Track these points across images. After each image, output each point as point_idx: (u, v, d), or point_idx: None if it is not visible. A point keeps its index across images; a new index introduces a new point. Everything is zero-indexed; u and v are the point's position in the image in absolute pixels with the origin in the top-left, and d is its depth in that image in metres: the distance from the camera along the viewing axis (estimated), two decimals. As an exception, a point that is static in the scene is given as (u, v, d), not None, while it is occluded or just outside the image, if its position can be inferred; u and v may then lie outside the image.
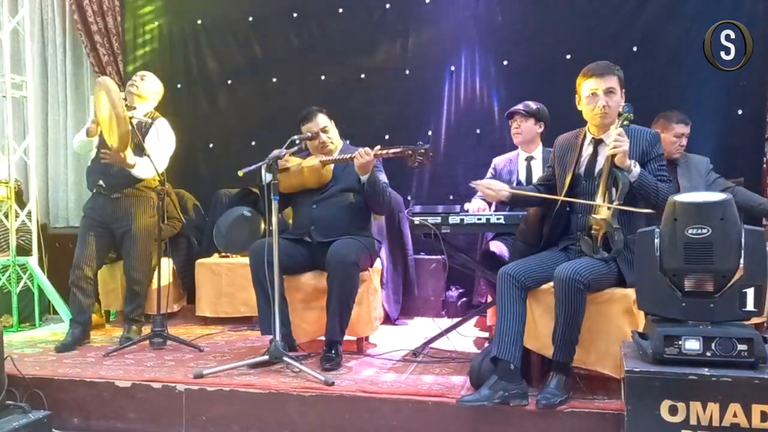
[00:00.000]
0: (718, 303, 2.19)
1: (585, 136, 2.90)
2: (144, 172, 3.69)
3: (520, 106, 3.88)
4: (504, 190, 2.92)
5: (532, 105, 3.87)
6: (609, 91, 2.75)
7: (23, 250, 4.71)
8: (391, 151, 3.21)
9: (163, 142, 3.62)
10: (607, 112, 2.75)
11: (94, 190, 3.81)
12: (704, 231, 2.17)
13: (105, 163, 3.66)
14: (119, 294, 4.19)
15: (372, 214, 3.62)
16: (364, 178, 3.33)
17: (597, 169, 2.79)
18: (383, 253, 4.16)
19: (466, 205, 3.62)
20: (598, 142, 2.82)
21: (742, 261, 2.15)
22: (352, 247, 3.29)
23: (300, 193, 3.53)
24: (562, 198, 2.84)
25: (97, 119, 3.62)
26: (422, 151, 3.15)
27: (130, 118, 3.48)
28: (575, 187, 2.86)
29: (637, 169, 2.66)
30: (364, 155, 3.24)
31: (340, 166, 3.49)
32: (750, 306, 2.12)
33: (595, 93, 2.75)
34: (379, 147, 3.26)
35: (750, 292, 2.12)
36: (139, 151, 3.63)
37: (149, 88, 3.90)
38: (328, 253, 3.26)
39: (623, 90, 2.81)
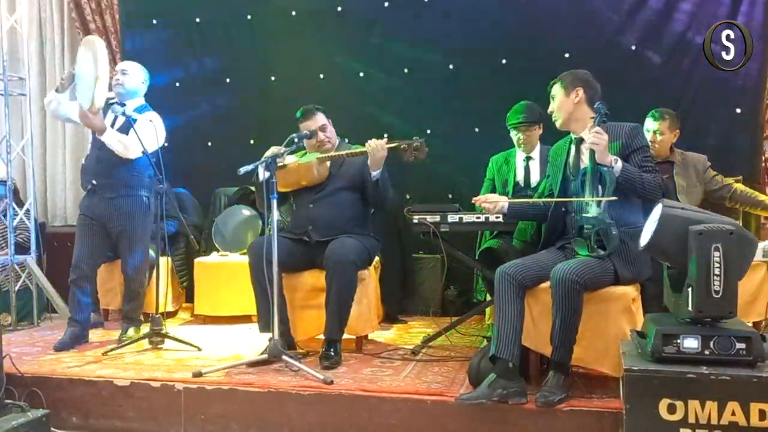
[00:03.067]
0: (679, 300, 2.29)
1: (571, 138, 2.97)
2: (124, 146, 3.58)
3: (522, 118, 3.75)
4: (502, 202, 2.98)
5: (535, 110, 3.73)
6: (552, 98, 2.93)
7: (22, 248, 4.70)
8: (387, 146, 3.22)
9: (155, 127, 3.61)
10: (554, 117, 2.92)
11: (89, 187, 3.80)
12: None
13: (98, 161, 3.64)
14: (118, 293, 4.17)
15: (370, 212, 3.62)
16: (376, 173, 3.29)
17: (581, 168, 2.84)
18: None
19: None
20: (579, 141, 2.87)
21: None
22: (351, 246, 3.29)
23: (297, 192, 3.53)
24: (556, 200, 2.89)
25: (72, 73, 3.57)
26: (417, 145, 3.16)
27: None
28: (567, 188, 2.91)
29: (619, 164, 2.68)
30: (380, 150, 3.21)
31: (337, 164, 3.48)
32: (689, 305, 2.17)
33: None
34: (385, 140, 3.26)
35: (689, 292, 2.17)
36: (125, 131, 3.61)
37: (134, 80, 3.81)
38: (326, 252, 3.26)
39: (582, 92, 2.84)
